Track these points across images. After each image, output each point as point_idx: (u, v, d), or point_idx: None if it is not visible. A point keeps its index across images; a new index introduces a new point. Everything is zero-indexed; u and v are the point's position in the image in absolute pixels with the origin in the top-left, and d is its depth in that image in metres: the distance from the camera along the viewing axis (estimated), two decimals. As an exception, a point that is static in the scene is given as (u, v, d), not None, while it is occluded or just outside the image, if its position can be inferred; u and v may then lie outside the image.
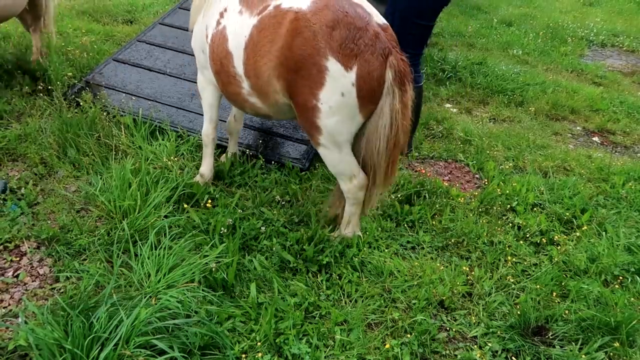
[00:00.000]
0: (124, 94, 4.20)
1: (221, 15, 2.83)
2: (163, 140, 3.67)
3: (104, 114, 3.82)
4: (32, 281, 2.49)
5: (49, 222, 2.83)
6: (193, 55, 4.68)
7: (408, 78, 2.53)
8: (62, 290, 2.43)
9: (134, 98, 4.14)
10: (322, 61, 2.41)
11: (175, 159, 3.38)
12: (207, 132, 3.33)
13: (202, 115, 4.05)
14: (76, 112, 3.75)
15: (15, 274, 2.52)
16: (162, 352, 2.03)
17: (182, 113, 4.12)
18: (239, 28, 2.69)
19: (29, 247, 2.66)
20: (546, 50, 7.81)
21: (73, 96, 4.08)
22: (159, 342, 2.02)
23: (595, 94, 6.13)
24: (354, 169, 2.75)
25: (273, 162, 3.75)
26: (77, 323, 2.01)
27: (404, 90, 2.52)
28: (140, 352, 1.98)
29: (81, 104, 3.86)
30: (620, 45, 9.03)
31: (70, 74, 4.22)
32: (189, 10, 5.29)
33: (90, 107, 3.75)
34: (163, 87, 4.37)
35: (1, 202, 2.91)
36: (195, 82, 4.40)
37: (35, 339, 1.94)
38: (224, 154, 3.68)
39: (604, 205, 3.76)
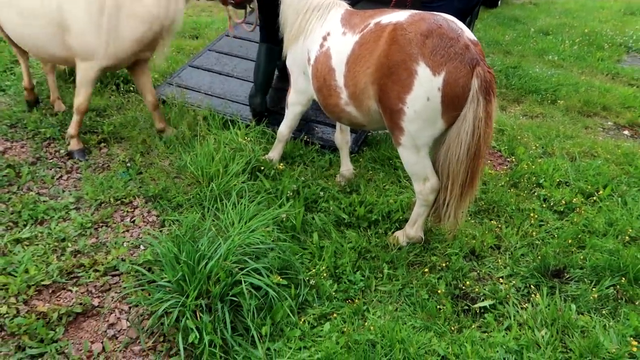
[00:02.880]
0: (199, 93, 4.95)
1: (324, 38, 3.16)
2: (234, 129, 4.35)
3: (186, 108, 4.57)
4: (145, 225, 3.19)
5: (152, 185, 3.53)
6: (255, 61, 5.50)
7: (493, 89, 2.62)
8: (167, 232, 3.10)
9: (207, 96, 4.88)
10: (413, 66, 2.60)
11: (247, 139, 4.05)
12: (283, 133, 3.84)
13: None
14: (164, 107, 4.52)
15: (132, 219, 3.22)
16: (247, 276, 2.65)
17: (249, 108, 4.81)
18: (342, 46, 2.99)
19: (139, 202, 3.37)
20: (582, 55, 8.16)
21: (159, 94, 4.87)
22: (248, 259, 2.64)
23: (628, 93, 6.45)
24: (429, 172, 2.91)
25: (328, 147, 4.37)
26: (187, 246, 2.66)
27: (489, 100, 2.59)
28: (235, 265, 2.60)
29: (165, 100, 4.65)
30: (660, 51, 9.22)
31: (156, 76, 5.02)
32: (251, 24, 6.14)
33: (174, 103, 4.52)
34: (232, 87, 5.10)
35: (113, 172, 3.65)
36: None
37: (161, 253, 2.61)
38: (339, 175, 3.90)
39: (627, 184, 4.15)
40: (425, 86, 2.62)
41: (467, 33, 2.68)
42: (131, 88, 4.91)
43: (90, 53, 3.48)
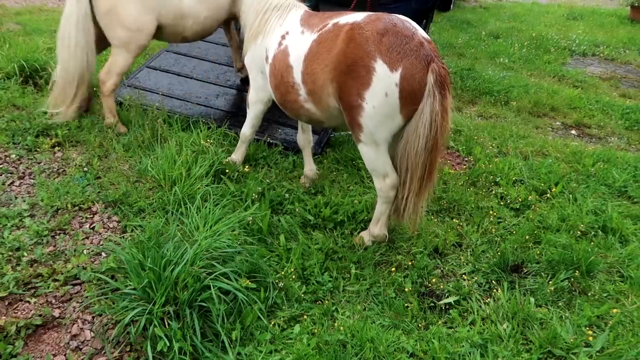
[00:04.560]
0: (158, 95, 4.83)
1: (283, 37, 3.21)
2: (195, 131, 4.28)
3: (144, 110, 4.45)
4: (105, 231, 3.08)
5: (111, 190, 3.42)
6: (215, 62, 5.44)
7: (448, 84, 2.71)
8: (130, 238, 3.02)
9: (167, 98, 4.78)
10: (370, 63, 2.68)
11: (209, 141, 3.99)
12: (246, 134, 3.84)
13: (227, 111, 4.76)
14: (121, 109, 4.39)
15: (91, 226, 3.11)
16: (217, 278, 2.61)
17: (210, 110, 4.75)
18: (300, 44, 3.07)
19: (99, 208, 3.26)
20: (530, 58, 8.52)
21: (115, 96, 4.71)
22: (216, 264, 2.60)
23: (573, 94, 6.80)
24: (388, 168, 2.98)
25: (291, 148, 4.36)
26: (152, 252, 2.59)
27: (444, 94, 2.68)
28: (203, 270, 2.56)
29: (122, 102, 4.52)
30: (601, 54, 9.75)
31: (112, 77, 4.86)
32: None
33: (131, 105, 4.41)
34: (191, 89, 5.01)
35: (70, 177, 3.51)
36: (219, 85, 5.12)
37: (125, 260, 2.53)
38: (303, 176, 3.92)
39: (576, 181, 4.37)
40: (384, 82, 2.70)
41: (421, 31, 2.79)
42: (85, 89, 4.73)
43: None
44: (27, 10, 7.96)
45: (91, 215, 3.21)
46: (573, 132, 5.87)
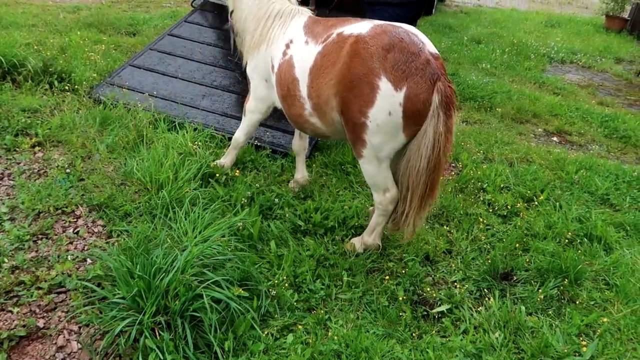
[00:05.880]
0: (142, 94, 4.71)
1: (287, 46, 3.11)
2: (181, 132, 4.18)
3: (128, 110, 4.34)
4: (90, 236, 2.98)
5: (96, 193, 3.31)
6: (200, 62, 5.34)
7: (454, 104, 2.63)
8: (116, 244, 2.92)
9: (151, 98, 4.66)
10: (375, 80, 2.60)
11: (197, 144, 3.90)
12: (239, 140, 3.74)
13: (213, 112, 4.67)
14: (103, 108, 4.27)
15: (75, 230, 3.00)
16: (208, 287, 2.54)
17: (196, 111, 4.65)
18: (305, 56, 2.96)
19: (82, 211, 3.15)
20: (511, 64, 8.64)
21: (97, 94, 4.59)
22: (207, 271, 2.54)
23: (554, 101, 6.92)
24: (389, 183, 2.95)
25: (279, 152, 4.31)
26: (141, 258, 2.51)
27: (449, 115, 2.61)
28: (194, 278, 2.49)
29: (104, 101, 4.39)
30: (578, 62, 9.97)
31: (95, 75, 4.73)
32: (193, 24, 5.94)
33: (114, 105, 4.29)
34: (177, 89, 4.91)
35: (52, 179, 3.39)
36: (205, 85, 5.02)
37: (113, 267, 2.44)
38: (293, 180, 3.88)
39: (560, 188, 4.43)
40: (387, 101, 2.63)
41: (429, 46, 2.68)
42: (66, 87, 4.59)
43: None
44: (3, 2, 7.70)
45: (75, 219, 3.10)
46: (555, 139, 5.96)
